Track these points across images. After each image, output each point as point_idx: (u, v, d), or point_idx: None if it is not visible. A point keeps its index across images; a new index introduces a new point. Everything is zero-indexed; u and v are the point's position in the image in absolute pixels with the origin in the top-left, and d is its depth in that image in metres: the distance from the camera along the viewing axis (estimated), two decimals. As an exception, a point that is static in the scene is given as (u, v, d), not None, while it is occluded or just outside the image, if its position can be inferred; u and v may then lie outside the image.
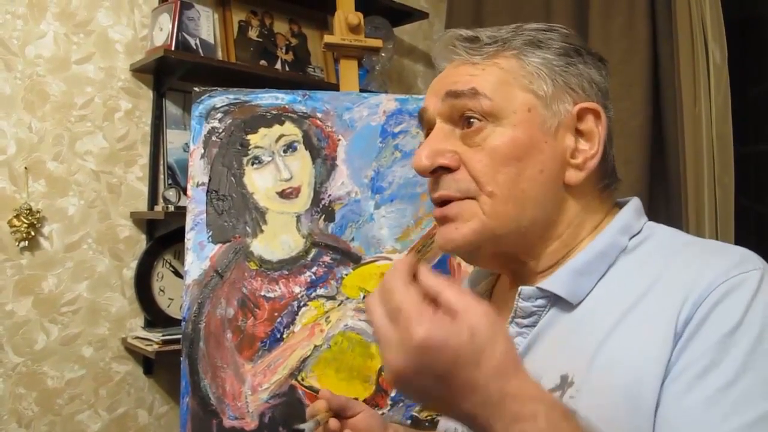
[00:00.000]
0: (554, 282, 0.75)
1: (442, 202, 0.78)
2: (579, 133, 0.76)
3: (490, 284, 0.91)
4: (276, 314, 1.30)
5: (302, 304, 1.32)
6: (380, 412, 1.30)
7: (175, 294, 2.02)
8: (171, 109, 2.05)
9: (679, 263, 0.70)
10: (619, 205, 0.81)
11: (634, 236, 0.76)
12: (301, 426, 0.87)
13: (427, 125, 0.82)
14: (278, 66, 2.23)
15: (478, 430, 0.59)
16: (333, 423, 0.89)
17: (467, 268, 1.40)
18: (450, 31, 0.80)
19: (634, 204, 0.80)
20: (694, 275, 0.67)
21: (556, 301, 0.75)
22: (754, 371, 0.62)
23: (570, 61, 0.76)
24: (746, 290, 0.65)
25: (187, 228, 1.31)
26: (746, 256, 0.69)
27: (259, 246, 1.33)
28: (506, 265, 0.81)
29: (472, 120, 0.75)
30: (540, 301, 0.76)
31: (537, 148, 0.74)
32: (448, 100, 0.77)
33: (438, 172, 0.77)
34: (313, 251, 1.35)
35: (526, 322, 0.77)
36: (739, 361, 0.62)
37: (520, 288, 0.76)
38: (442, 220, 0.78)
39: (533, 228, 0.75)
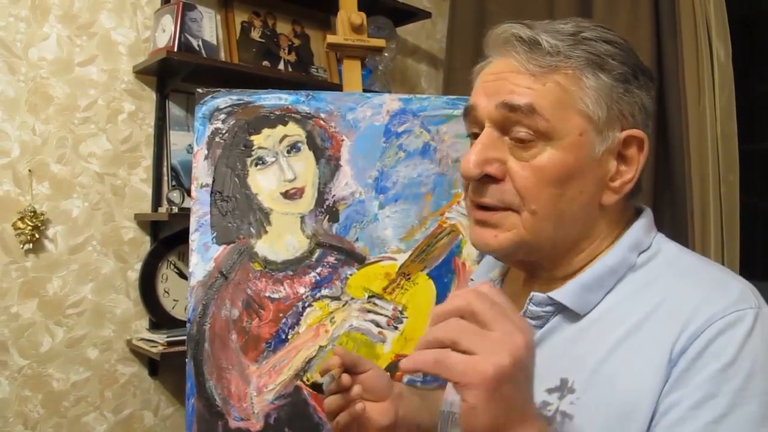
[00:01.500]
0: (564, 294, 0.78)
1: (484, 207, 0.80)
2: (621, 157, 0.78)
3: (503, 272, 0.94)
4: (281, 315, 1.30)
5: (307, 304, 1.32)
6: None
7: (179, 295, 2.02)
8: (174, 110, 2.05)
9: (681, 291, 0.73)
10: (635, 212, 0.84)
11: (643, 251, 0.79)
12: (319, 380, 0.96)
13: (473, 124, 0.82)
14: (281, 67, 2.23)
15: None
16: (345, 378, 0.93)
17: (471, 268, 1.40)
18: (509, 26, 0.79)
19: (647, 218, 0.82)
20: (693, 308, 0.70)
21: (563, 309, 0.78)
22: (744, 406, 0.65)
23: (628, 87, 0.76)
24: (741, 329, 0.67)
25: (191, 229, 1.30)
26: (744, 293, 0.71)
27: (263, 247, 1.33)
28: (529, 267, 0.84)
29: (525, 135, 0.75)
30: (548, 308, 0.79)
31: (582, 171, 0.75)
32: (503, 110, 0.76)
33: (483, 179, 0.78)
34: (318, 252, 1.35)
35: (533, 322, 0.80)
36: (731, 396, 0.65)
37: (532, 294, 0.79)
38: (482, 224, 0.80)
39: (565, 243, 0.79)
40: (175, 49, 1.90)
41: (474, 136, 0.82)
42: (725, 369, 0.66)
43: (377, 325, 1.34)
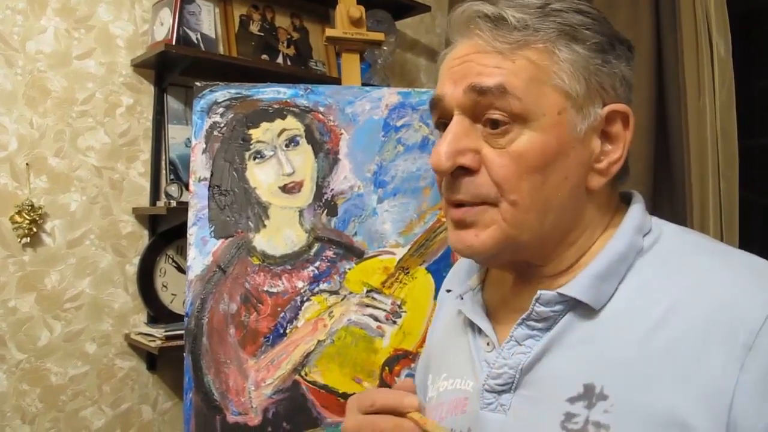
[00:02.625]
0: (576, 287, 0.69)
1: (458, 204, 0.72)
2: (605, 136, 0.70)
3: (481, 277, 0.85)
4: (279, 309, 1.30)
5: (305, 299, 1.31)
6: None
7: (178, 289, 2.01)
8: (172, 104, 2.05)
9: (711, 277, 0.65)
10: (623, 198, 0.77)
11: (646, 234, 0.72)
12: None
13: (440, 114, 0.74)
14: (280, 60, 2.22)
15: None
16: None
17: (471, 263, 1.39)
18: (471, 4, 0.71)
19: (641, 199, 0.75)
20: (739, 298, 0.62)
21: (575, 305, 0.70)
22: None
23: (606, 57, 0.69)
24: None
25: (189, 223, 1.30)
26: None
27: (261, 241, 1.32)
28: (518, 267, 0.76)
29: (496, 119, 0.68)
30: (558, 306, 0.70)
31: (564, 154, 0.68)
32: (472, 95, 0.69)
33: (456, 172, 0.70)
34: (316, 246, 1.34)
35: (539, 325, 0.71)
36: None
37: (539, 293, 0.71)
38: (460, 224, 0.72)
39: (552, 235, 0.71)
40: (174, 43, 1.89)
41: (443, 127, 0.73)
42: None
43: (376, 319, 1.33)
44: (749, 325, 0.60)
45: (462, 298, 0.82)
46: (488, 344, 0.76)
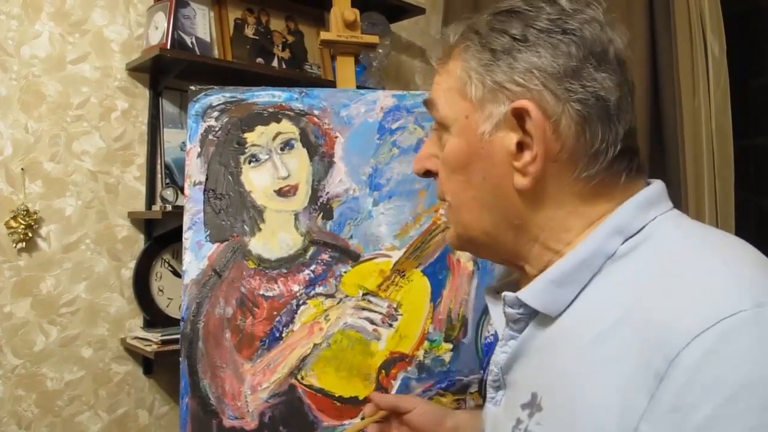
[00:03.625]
0: (529, 293, 0.69)
1: None
2: (527, 134, 0.67)
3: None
4: (275, 313, 1.29)
5: (301, 302, 1.31)
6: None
7: (174, 294, 2.01)
8: (168, 108, 2.04)
9: (657, 291, 0.59)
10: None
11: (630, 237, 0.66)
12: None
13: None
14: (275, 63, 2.22)
15: None
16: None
17: (466, 264, 1.39)
18: (442, 34, 0.78)
19: (643, 195, 0.68)
20: (668, 316, 0.56)
21: (536, 311, 0.70)
22: None
23: (500, 55, 0.67)
24: (730, 346, 0.52)
25: (184, 227, 1.30)
26: (739, 288, 0.56)
27: (257, 244, 1.32)
28: (511, 264, 0.77)
29: (436, 128, 0.76)
30: (522, 309, 0.71)
31: (476, 155, 0.70)
32: (428, 109, 0.78)
33: (429, 174, 0.78)
34: (312, 249, 1.34)
35: (516, 327, 0.73)
36: None
37: (504, 294, 0.72)
38: None
39: (501, 233, 0.72)
40: (168, 47, 1.89)
41: None
42: (730, 402, 0.51)
43: (372, 322, 1.33)
44: (666, 351, 0.54)
45: (498, 292, 0.81)
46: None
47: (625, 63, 0.70)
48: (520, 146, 0.67)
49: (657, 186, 0.71)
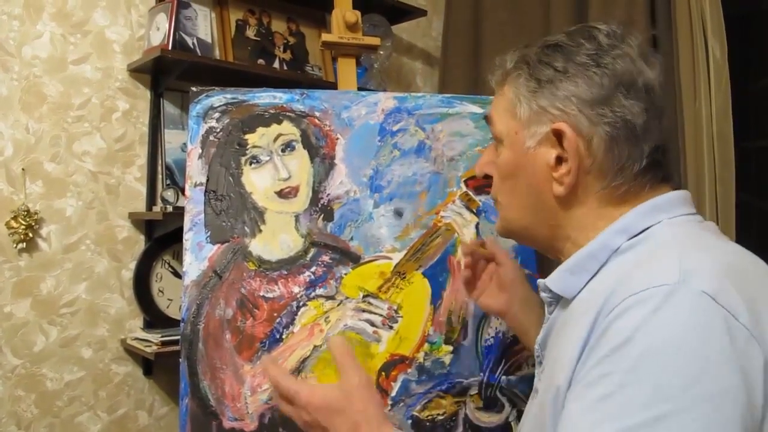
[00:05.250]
0: (553, 280, 0.87)
1: None
2: (565, 150, 0.82)
3: None
4: (275, 315, 1.29)
5: (301, 304, 1.31)
6: (381, 412, 1.30)
7: (174, 295, 2.01)
8: (169, 109, 2.05)
9: (631, 270, 0.73)
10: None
11: (634, 236, 0.79)
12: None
13: None
14: (276, 65, 2.22)
15: None
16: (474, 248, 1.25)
17: (467, 267, 1.39)
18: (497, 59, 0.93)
19: (655, 201, 0.81)
20: (615, 284, 0.72)
21: (559, 295, 0.86)
22: (633, 387, 0.62)
23: (545, 84, 0.82)
24: (648, 305, 0.65)
25: (185, 228, 1.30)
26: (670, 268, 0.68)
27: (257, 246, 1.32)
28: (550, 253, 0.92)
29: (493, 140, 0.93)
30: (550, 294, 0.87)
31: (521, 166, 0.86)
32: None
33: (488, 177, 0.95)
34: (312, 251, 1.34)
35: (549, 309, 0.90)
36: (621, 375, 0.64)
37: (538, 280, 0.90)
38: None
39: (540, 230, 0.89)
40: (170, 48, 1.89)
41: None
42: (620, 347, 0.65)
43: (372, 324, 1.33)
44: (606, 309, 0.70)
45: None
46: None
47: (654, 90, 0.82)
48: (559, 160, 0.82)
49: (671, 194, 0.83)
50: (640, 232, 0.79)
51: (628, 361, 0.64)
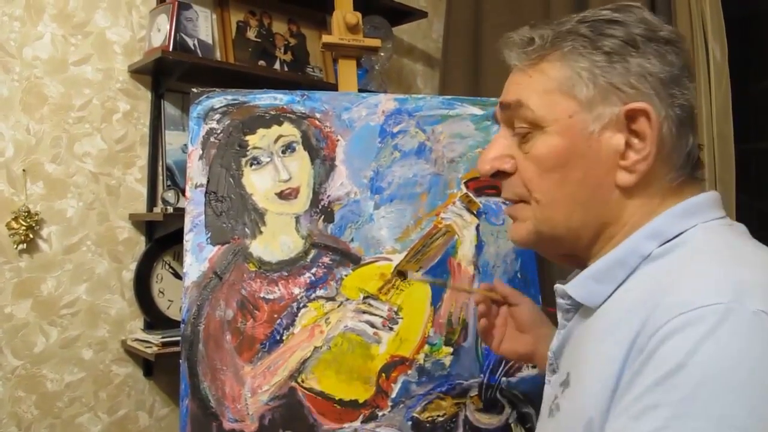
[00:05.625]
0: (574, 286, 0.78)
1: (510, 201, 0.84)
2: (634, 134, 0.73)
3: None
4: (275, 316, 1.29)
5: (302, 305, 1.31)
6: (380, 413, 1.30)
7: (174, 296, 2.01)
8: (169, 110, 2.05)
9: (670, 282, 0.66)
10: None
11: (668, 242, 0.72)
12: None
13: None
14: (277, 66, 2.22)
15: None
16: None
17: (467, 268, 1.39)
18: (510, 35, 0.81)
19: (688, 204, 0.74)
20: (659, 298, 0.64)
21: (580, 303, 0.78)
22: (689, 421, 0.56)
23: (616, 58, 0.73)
24: (700, 328, 0.58)
25: (185, 230, 1.30)
26: (721, 284, 0.61)
27: (258, 247, 1.32)
28: (577, 263, 0.83)
29: (521, 129, 0.79)
30: (570, 301, 0.79)
31: (579, 153, 0.74)
32: (502, 111, 0.82)
33: (499, 175, 0.83)
34: (313, 252, 1.34)
35: (567, 316, 0.82)
36: (674, 408, 0.57)
37: (555, 285, 0.81)
38: (511, 219, 0.85)
39: (586, 229, 0.77)
40: (171, 49, 1.89)
41: None
42: (671, 375, 0.58)
43: (372, 325, 1.33)
44: (650, 328, 0.62)
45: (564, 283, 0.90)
46: None
47: None
48: (626, 145, 0.73)
49: (704, 196, 0.75)
50: (673, 238, 0.72)
51: (682, 390, 0.57)
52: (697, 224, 0.72)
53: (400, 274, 1.27)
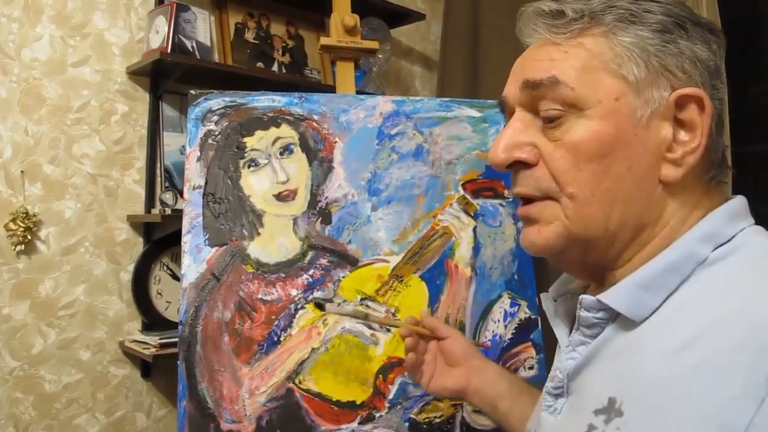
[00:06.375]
0: (614, 296, 0.66)
1: (525, 200, 0.72)
2: (679, 123, 0.66)
3: (584, 284, 0.82)
4: (273, 317, 1.30)
5: (299, 306, 1.31)
6: (378, 414, 1.30)
7: (172, 297, 2.01)
8: (168, 111, 2.05)
9: (760, 291, 0.58)
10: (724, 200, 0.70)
11: (721, 245, 0.65)
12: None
13: (508, 114, 0.74)
14: (275, 68, 2.23)
15: None
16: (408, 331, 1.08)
17: (464, 270, 1.40)
18: (532, 5, 0.71)
19: (731, 205, 0.67)
20: (740, 313, 0.57)
21: (618, 315, 0.67)
22: None
23: (669, 38, 0.65)
24: None
25: (183, 231, 1.30)
26: None
27: (255, 249, 1.32)
28: (596, 273, 0.73)
29: (552, 111, 0.67)
30: (601, 314, 0.68)
31: (625, 141, 0.65)
32: (527, 90, 0.69)
33: (516, 166, 0.71)
34: (310, 254, 1.35)
35: (588, 332, 0.70)
36: None
37: (581, 297, 0.69)
38: (525, 220, 0.73)
39: (624, 230, 0.67)
40: (169, 51, 1.89)
41: None
42: None
43: (370, 327, 1.33)
44: None
45: (555, 300, 0.80)
46: (559, 348, 0.77)
47: None
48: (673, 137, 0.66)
49: (741, 199, 0.69)
50: (726, 241, 0.65)
51: None
52: (744, 228, 0.66)
53: (318, 306, 1.23)
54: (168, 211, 1.90)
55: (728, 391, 0.54)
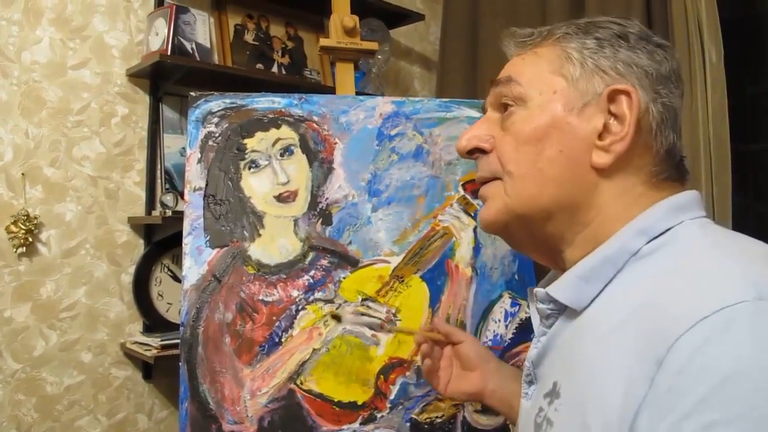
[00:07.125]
0: (558, 288, 0.75)
1: (483, 183, 0.82)
2: (613, 116, 0.73)
3: None
4: (274, 318, 1.30)
5: (300, 307, 1.32)
6: (379, 415, 1.30)
7: (173, 299, 2.01)
8: (168, 113, 2.05)
9: (673, 281, 0.62)
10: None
11: (654, 239, 0.69)
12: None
13: None
14: (275, 69, 2.23)
15: None
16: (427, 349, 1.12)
17: (464, 270, 1.40)
18: (508, 31, 0.84)
19: (674, 200, 0.72)
20: (667, 301, 0.60)
21: (565, 306, 0.75)
22: (760, 427, 0.51)
23: (606, 44, 0.75)
24: (731, 333, 0.54)
25: (184, 233, 1.30)
26: (735, 283, 0.57)
27: (256, 250, 1.33)
28: (549, 255, 0.80)
29: (507, 105, 0.79)
30: (552, 305, 0.77)
31: (558, 128, 0.74)
32: (493, 89, 0.82)
33: (476, 154, 0.82)
34: (311, 255, 1.35)
35: (547, 323, 0.78)
36: (744, 424, 0.52)
37: (535, 290, 0.78)
38: (482, 201, 0.82)
39: (558, 210, 0.75)
40: (169, 52, 1.89)
41: None
42: (721, 386, 0.52)
43: (371, 328, 1.34)
44: (667, 337, 0.57)
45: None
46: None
47: None
48: (604, 127, 0.73)
49: (690, 194, 0.74)
50: (660, 234, 0.70)
51: (740, 401, 0.52)
52: (683, 221, 0.71)
53: (335, 318, 1.28)
54: (168, 213, 1.90)
55: (631, 371, 0.59)
